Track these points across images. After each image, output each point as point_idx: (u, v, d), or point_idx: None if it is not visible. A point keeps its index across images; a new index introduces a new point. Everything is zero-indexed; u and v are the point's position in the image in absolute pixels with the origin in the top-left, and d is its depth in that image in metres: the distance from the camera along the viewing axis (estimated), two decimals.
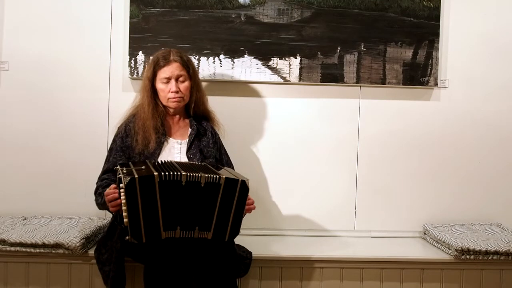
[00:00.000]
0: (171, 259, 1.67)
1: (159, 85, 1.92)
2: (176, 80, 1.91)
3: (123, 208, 1.58)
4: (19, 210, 2.34)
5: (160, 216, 1.61)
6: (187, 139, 1.98)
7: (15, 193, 2.36)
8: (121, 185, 1.59)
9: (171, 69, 1.90)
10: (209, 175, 1.64)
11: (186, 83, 1.94)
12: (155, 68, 1.91)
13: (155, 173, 1.58)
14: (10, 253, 1.98)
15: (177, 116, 2.01)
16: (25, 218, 2.28)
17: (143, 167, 1.68)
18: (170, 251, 1.68)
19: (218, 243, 1.71)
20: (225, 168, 1.90)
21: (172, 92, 1.90)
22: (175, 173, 1.61)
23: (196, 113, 2.04)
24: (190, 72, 1.95)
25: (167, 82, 1.91)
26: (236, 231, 1.70)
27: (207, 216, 1.66)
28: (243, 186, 1.67)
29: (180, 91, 1.92)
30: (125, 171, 1.62)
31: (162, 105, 1.96)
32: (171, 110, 1.98)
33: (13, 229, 2.09)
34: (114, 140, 1.96)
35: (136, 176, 1.56)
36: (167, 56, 1.91)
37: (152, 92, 1.94)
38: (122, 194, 1.58)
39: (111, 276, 1.81)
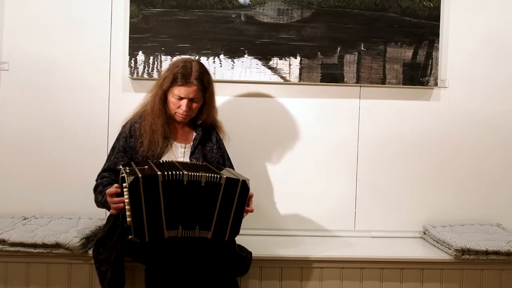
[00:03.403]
0: (172, 259, 1.67)
1: (171, 98, 1.89)
2: (190, 100, 1.88)
3: (127, 207, 1.58)
4: (19, 210, 2.34)
5: (163, 215, 1.61)
6: (191, 143, 1.98)
7: (15, 193, 2.36)
8: (124, 184, 1.59)
9: (187, 91, 1.85)
10: (209, 175, 1.64)
11: (198, 104, 1.92)
12: (172, 83, 1.86)
13: (159, 173, 1.58)
14: (10, 253, 1.98)
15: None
16: (25, 218, 2.28)
17: (146, 166, 1.68)
18: (172, 251, 1.68)
19: (218, 243, 1.71)
20: (226, 168, 1.90)
21: (182, 109, 1.89)
22: (177, 172, 1.61)
23: (204, 123, 2.03)
24: (206, 95, 1.92)
25: (180, 99, 1.88)
26: (236, 231, 1.70)
27: (207, 215, 1.66)
28: (244, 186, 1.66)
29: (190, 109, 1.90)
30: (128, 171, 1.62)
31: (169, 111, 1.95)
32: None
33: (13, 229, 2.09)
34: (117, 139, 1.96)
35: (140, 175, 1.57)
36: (188, 75, 1.85)
37: (164, 101, 1.91)
38: (125, 193, 1.58)
39: (109, 276, 1.80)
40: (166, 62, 2.29)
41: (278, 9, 2.35)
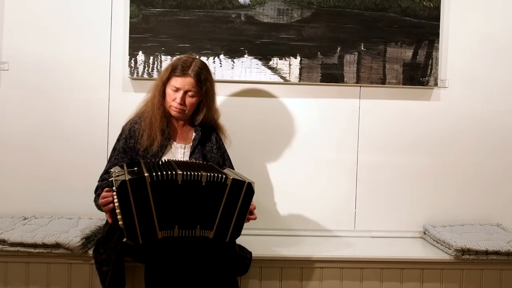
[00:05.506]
0: (171, 258, 1.67)
1: (168, 90, 1.91)
2: (185, 92, 1.90)
3: (117, 211, 1.58)
4: (19, 210, 2.34)
5: (154, 216, 1.60)
6: (191, 144, 1.98)
7: (15, 193, 2.36)
8: (113, 188, 1.59)
9: (183, 82, 1.88)
10: (212, 174, 1.63)
11: (193, 99, 1.92)
12: (170, 74, 1.90)
13: (146, 174, 1.57)
14: (10, 253, 1.98)
15: (182, 121, 2.01)
16: (25, 218, 2.28)
17: (136, 168, 1.68)
18: (170, 250, 1.68)
19: (219, 243, 1.71)
20: (227, 168, 1.90)
21: (176, 102, 1.90)
22: (169, 172, 1.59)
23: (203, 124, 2.03)
24: (203, 91, 1.92)
25: (176, 91, 1.89)
26: (237, 232, 1.70)
27: (210, 215, 1.65)
28: (249, 189, 1.66)
29: (185, 104, 1.91)
30: (117, 174, 1.62)
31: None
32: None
33: (13, 229, 2.09)
34: (118, 140, 1.96)
35: (127, 178, 1.55)
36: (186, 67, 1.88)
37: (163, 93, 1.93)
38: (115, 197, 1.58)
39: (110, 277, 1.80)
40: (166, 62, 2.28)
41: (278, 9, 2.35)
